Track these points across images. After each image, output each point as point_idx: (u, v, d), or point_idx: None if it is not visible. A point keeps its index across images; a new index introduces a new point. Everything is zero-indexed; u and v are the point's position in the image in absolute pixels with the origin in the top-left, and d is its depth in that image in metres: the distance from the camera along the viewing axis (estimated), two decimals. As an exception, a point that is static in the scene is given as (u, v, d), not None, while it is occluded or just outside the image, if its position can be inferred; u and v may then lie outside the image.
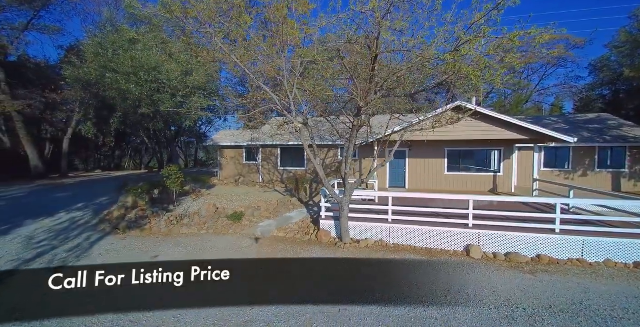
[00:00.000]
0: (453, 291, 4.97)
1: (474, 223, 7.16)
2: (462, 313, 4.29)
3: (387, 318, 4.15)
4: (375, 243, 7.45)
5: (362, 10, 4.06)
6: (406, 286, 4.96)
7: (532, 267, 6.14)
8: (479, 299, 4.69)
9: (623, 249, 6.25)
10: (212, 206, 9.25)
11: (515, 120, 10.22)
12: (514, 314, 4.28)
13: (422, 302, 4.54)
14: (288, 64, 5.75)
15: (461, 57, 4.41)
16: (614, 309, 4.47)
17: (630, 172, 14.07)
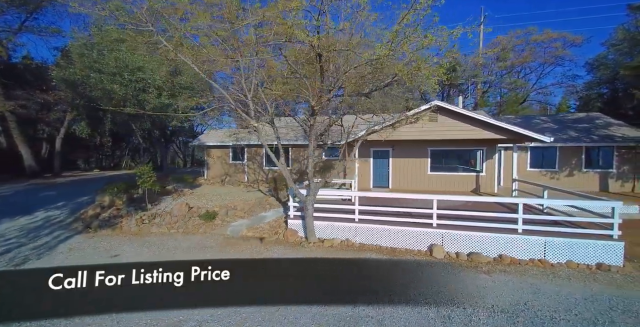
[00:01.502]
0: (398, 291, 4.94)
1: (438, 223, 7.12)
2: (401, 312, 4.28)
3: (323, 317, 4.16)
4: (341, 243, 7.44)
5: (287, 8, 4.06)
6: (350, 285, 4.96)
7: (490, 267, 6.10)
8: (422, 299, 4.66)
9: (585, 250, 6.18)
10: (184, 206, 9.29)
11: (491, 119, 10.14)
12: (452, 314, 4.25)
13: (363, 301, 4.52)
14: (247, 66, 5.78)
15: (394, 56, 4.35)
16: (557, 310, 4.43)
17: (617, 172, 13.88)
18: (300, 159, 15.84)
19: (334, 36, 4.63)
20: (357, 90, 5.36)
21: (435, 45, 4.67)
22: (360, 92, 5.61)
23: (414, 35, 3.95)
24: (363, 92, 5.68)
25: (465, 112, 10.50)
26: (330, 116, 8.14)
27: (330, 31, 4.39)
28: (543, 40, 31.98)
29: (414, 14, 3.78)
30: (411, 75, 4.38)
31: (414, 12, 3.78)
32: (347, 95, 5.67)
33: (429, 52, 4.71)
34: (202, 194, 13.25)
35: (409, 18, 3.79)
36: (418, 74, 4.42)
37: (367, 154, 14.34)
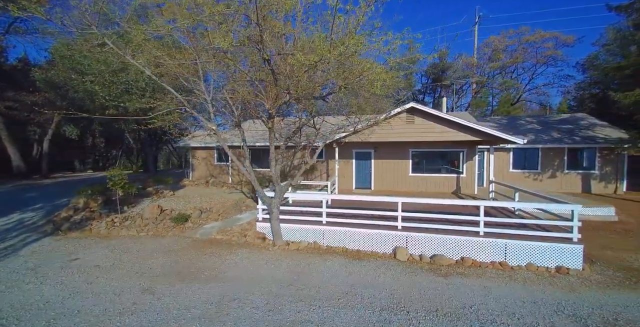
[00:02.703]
0: (350, 294, 4.95)
1: (402, 225, 7.11)
2: (344, 316, 4.26)
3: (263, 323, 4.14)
4: (308, 245, 7.43)
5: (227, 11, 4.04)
6: (298, 289, 4.97)
7: (449, 270, 6.09)
8: (370, 302, 4.65)
9: (545, 253, 6.18)
10: (156, 208, 9.27)
11: (465, 121, 10.15)
12: (393, 318, 4.24)
13: (306, 307, 4.52)
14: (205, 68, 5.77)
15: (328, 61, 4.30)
16: (501, 313, 4.42)
17: (600, 173, 13.89)
18: (284, 161, 15.83)
19: (281, 41, 4.64)
20: (309, 94, 5.36)
21: (380, 50, 4.67)
22: (316, 95, 5.61)
23: (349, 41, 3.93)
24: (319, 96, 5.68)
25: (440, 114, 10.51)
26: (300, 118, 8.14)
27: (277, 36, 4.41)
28: (535, 40, 32.03)
29: (340, 22, 3.77)
30: (353, 79, 4.37)
31: (342, 20, 3.78)
32: (306, 98, 5.67)
33: (372, 57, 4.72)
34: (183, 196, 13.23)
35: (336, 25, 3.77)
36: (362, 78, 4.41)
37: (350, 156, 14.34)
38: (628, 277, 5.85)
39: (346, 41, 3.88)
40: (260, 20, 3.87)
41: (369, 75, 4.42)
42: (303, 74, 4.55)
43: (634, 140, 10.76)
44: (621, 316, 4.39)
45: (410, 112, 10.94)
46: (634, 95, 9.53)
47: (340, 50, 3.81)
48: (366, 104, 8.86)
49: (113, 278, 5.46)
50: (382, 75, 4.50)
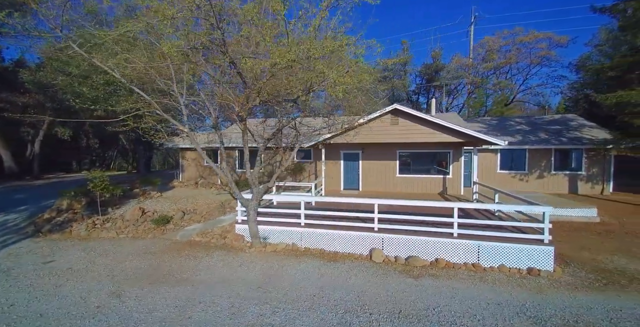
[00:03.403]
0: (318, 296, 4.97)
1: (379, 227, 7.14)
2: (305, 319, 4.28)
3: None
4: (286, 247, 7.44)
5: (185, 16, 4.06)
6: (266, 292, 4.98)
7: (422, 271, 6.12)
8: (335, 304, 4.68)
9: (517, 255, 6.21)
10: (137, 210, 9.28)
11: (446, 122, 10.17)
12: (354, 320, 4.26)
13: (270, 310, 4.54)
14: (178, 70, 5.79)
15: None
16: (464, 315, 4.45)
17: (587, 174, 13.94)
18: (272, 162, 15.85)
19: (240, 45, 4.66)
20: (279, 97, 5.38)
21: (354, 53, 4.70)
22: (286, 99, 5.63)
23: (296, 47, 3.95)
24: (288, 99, 5.70)
25: (423, 116, 10.55)
26: (280, 119, 8.15)
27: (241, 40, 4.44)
28: (529, 40, 32.11)
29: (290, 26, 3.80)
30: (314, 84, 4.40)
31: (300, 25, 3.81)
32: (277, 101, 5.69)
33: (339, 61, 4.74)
34: (170, 197, 13.24)
35: (290, 30, 3.80)
36: (323, 82, 4.45)
37: (338, 156, 14.37)
38: (599, 279, 5.89)
39: (293, 47, 3.90)
40: (221, 24, 3.89)
41: (334, 79, 4.44)
42: (270, 78, 4.57)
43: (617, 141, 10.81)
44: (582, 318, 4.42)
45: (394, 113, 10.97)
46: (615, 96, 9.58)
47: (290, 57, 3.83)
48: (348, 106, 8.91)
49: (83, 281, 5.47)
50: (346, 79, 4.52)
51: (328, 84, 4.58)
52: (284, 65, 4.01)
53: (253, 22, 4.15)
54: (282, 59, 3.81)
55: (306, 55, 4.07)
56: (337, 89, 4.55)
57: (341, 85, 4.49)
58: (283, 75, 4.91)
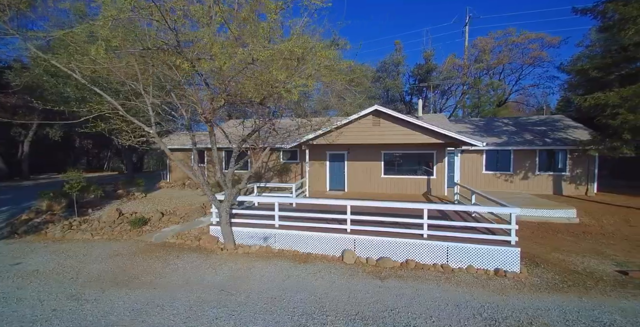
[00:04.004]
0: (278, 298, 4.96)
1: (352, 228, 7.15)
2: (260, 322, 4.27)
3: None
4: (259, 249, 7.44)
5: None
6: (227, 295, 4.97)
7: (390, 272, 6.12)
8: (293, 307, 4.67)
9: (484, 256, 6.23)
10: (114, 211, 9.25)
11: (425, 123, 10.20)
12: (309, 322, 4.25)
13: (226, 313, 4.54)
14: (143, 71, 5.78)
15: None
16: (420, 316, 4.45)
17: (571, 175, 14.00)
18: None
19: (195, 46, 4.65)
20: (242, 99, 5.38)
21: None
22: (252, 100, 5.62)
23: (238, 51, 3.95)
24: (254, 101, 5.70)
25: (403, 117, 10.57)
26: (255, 120, 8.15)
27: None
28: (521, 41, 32.23)
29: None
30: (267, 87, 4.40)
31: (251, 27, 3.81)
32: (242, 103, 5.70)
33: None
34: (153, 198, 13.22)
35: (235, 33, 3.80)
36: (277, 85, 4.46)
37: (324, 157, 14.37)
38: (565, 280, 5.91)
39: (237, 50, 3.90)
40: (174, 25, 3.90)
41: (283, 81, 4.43)
42: (230, 80, 4.57)
43: (596, 142, 10.85)
44: (538, 320, 4.44)
45: (375, 114, 10.99)
46: (592, 98, 9.63)
47: (238, 58, 3.83)
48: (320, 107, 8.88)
49: (46, 283, 5.45)
50: (309, 81, 4.52)
51: (281, 88, 4.57)
52: (235, 68, 4.02)
53: (201, 24, 4.16)
54: (221, 62, 3.81)
55: (251, 58, 4.07)
56: (294, 92, 4.54)
57: (297, 88, 4.49)
58: (239, 78, 4.90)
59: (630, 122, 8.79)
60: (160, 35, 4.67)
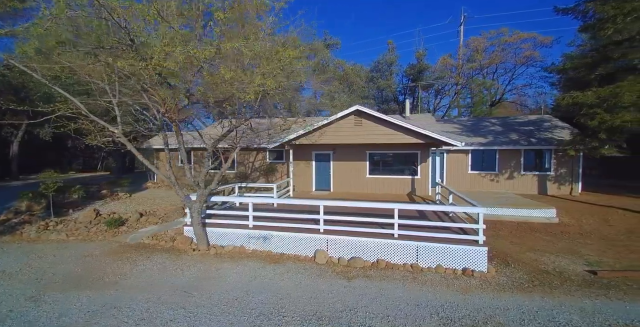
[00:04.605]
0: (239, 299, 4.95)
1: (324, 228, 7.14)
2: (215, 323, 4.25)
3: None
4: (233, 249, 7.42)
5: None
6: (189, 296, 4.96)
7: (360, 272, 6.12)
8: (252, 308, 4.66)
9: (452, 255, 6.24)
10: (91, 212, 9.21)
11: (406, 123, 10.22)
12: (265, 323, 4.24)
13: (182, 315, 4.53)
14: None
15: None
16: (377, 316, 4.44)
17: (556, 175, 14.05)
18: (245, 163, 15.86)
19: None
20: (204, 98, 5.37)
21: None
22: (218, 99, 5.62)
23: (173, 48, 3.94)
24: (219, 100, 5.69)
25: (384, 117, 10.58)
26: (230, 121, 8.12)
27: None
28: (513, 41, 32.33)
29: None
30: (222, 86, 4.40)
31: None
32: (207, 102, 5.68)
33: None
34: (137, 198, 13.19)
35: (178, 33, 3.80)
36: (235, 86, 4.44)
37: (310, 157, 14.35)
38: (532, 280, 5.93)
39: (172, 48, 3.90)
40: (125, 24, 3.88)
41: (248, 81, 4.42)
42: (189, 80, 4.56)
43: (576, 142, 10.88)
44: (494, 319, 4.44)
45: (357, 114, 11.00)
46: (571, 97, 9.65)
47: (177, 57, 3.82)
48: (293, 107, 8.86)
49: (9, 284, 5.41)
50: (268, 81, 4.51)
51: (235, 88, 4.55)
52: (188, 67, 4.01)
53: (148, 22, 4.16)
54: (156, 61, 3.81)
55: (197, 58, 4.06)
56: (249, 92, 4.52)
57: (253, 88, 4.47)
58: (188, 76, 4.87)
59: (607, 122, 8.82)
60: (118, 34, 4.65)
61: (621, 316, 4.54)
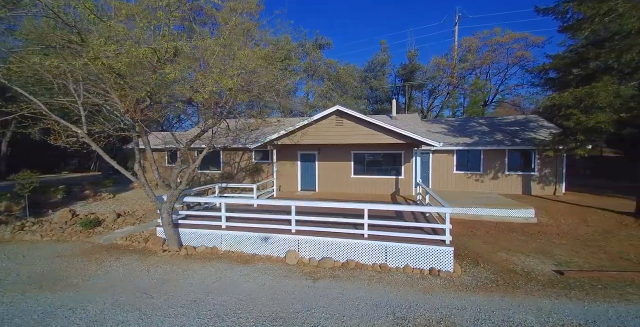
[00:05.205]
0: (198, 301, 4.94)
1: (296, 229, 7.14)
2: (167, 325, 4.25)
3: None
4: (204, 250, 7.40)
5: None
6: (147, 298, 4.94)
7: (328, 273, 6.12)
8: (209, 309, 4.64)
9: (420, 255, 6.25)
10: (67, 212, 9.17)
11: (384, 124, 10.24)
12: (219, 324, 4.22)
13: (135, 317, 4.51)
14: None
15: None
16: (332, 317, 4.43)
17: (539, 175, 14.10)
18: (232, 163, 15.84)
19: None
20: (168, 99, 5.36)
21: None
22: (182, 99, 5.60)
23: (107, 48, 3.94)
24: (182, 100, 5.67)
25: (362, 116, 10.59)
26: (205, 121, 8.10)
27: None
28: (506, 41, 32.41)
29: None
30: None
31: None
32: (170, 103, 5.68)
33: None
34: (121, 199, 13.14)
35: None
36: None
37: (295, 157, 14.35)
38: (497, 279, 5.95)
39: (110, 47, 3.89)
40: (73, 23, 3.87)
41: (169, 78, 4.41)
42: (145, 81, 4.54)
43: (555, 143, 10.92)
44: (449, 319, 4.45)
45: (338, 114, 11.01)
46: (548, 98, 9.69)
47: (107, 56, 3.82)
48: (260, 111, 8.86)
49: (-30, 286, 5.38)
50: (224, 81, 4.51)
51: (186, 88, 4.55)
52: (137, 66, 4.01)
53: (91, 22, 4.15)
54: (91, 61, 3.81)
55: (140, 56, 4.06)
56: (202, 92, 4.51)
57: (209, 88, 4.47)
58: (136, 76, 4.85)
59: (583, 123, 8.86)
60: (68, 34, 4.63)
61: (577, 316, 4.56)
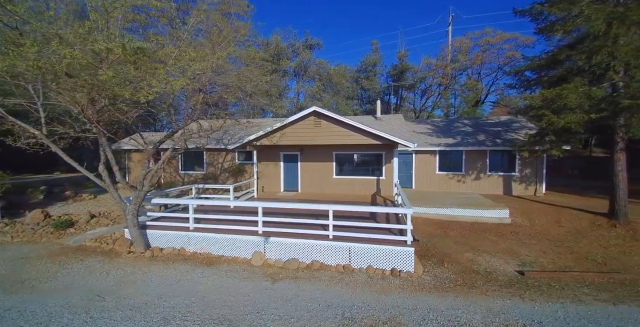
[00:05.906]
0: (149, 303, 4.93)
1: (263, 230, 7.15)
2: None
3: None
4: (172, 252, 7.38)
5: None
6: (99, 300, 4.93)
7: (290, 274, 6.13)
8: (158, 312, 4.63)
9: (381, 256, 6.29)
10: (39, 213, 9.12)
11: (361, 125, 10.26)
12: (167, 323, 4.25)
13: (82, 319, 4.50)
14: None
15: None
16: (281, 318, 4.44)
17: (520, 175, 14.20)
18: (215, 164, 15.82)
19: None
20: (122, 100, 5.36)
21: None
22: (135, 100, 5.59)
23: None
24: (138, 102, 5.67)
25: (339, 117, 10.62)
26: (176, 123, 8.09)
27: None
28: (496, 41, 32.59)
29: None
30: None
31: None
32: (124, 102, 5.66)
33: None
34: (102, 199, 13.09)
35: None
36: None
37: (278, 158, 14.35)
38: (456, 280, 5.99)
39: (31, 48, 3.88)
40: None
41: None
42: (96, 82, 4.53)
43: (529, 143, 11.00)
44: (396, 319, 4.48)
45: (316, 115, 11.03)
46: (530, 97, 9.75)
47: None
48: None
49: None
50: (177, 83, 4.51)
51: (126, 89, 4.54)
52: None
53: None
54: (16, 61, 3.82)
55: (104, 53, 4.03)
56: (143, 93, 4.51)
57: (145, 90, 4.47)
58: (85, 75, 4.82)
59: (555, 123, 8.94)
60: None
61: (523, 317, 4.61)
